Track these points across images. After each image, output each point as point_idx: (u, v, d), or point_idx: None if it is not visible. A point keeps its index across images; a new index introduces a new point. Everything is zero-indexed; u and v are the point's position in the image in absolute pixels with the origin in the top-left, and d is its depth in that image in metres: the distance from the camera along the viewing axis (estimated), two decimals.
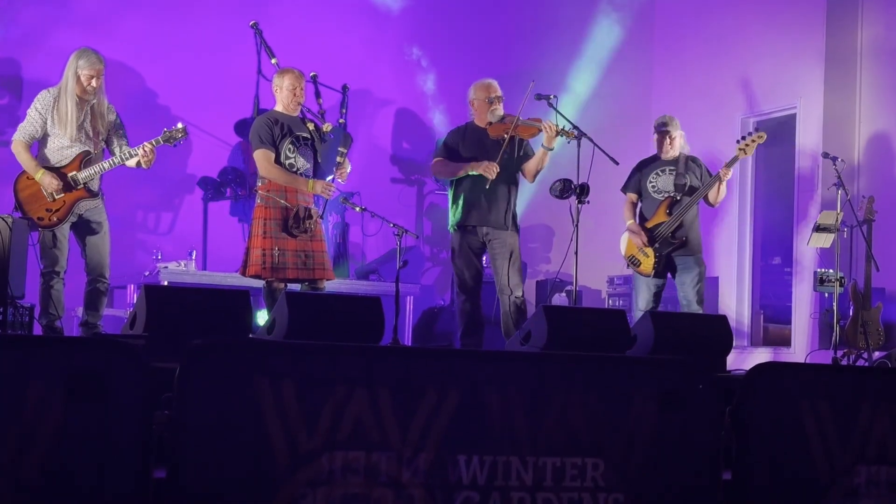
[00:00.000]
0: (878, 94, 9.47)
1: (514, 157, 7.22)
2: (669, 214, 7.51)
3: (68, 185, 6.58)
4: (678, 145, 7.70)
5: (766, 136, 7.62)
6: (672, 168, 7.63)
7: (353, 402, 3.40)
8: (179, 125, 6.77)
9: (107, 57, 6.75)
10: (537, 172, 7.31)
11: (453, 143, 7.36)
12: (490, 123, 7.26)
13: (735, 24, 10.39)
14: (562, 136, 7.10)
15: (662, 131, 7.68)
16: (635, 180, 7.70)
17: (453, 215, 7.29)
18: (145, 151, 6.62)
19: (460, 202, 7.23)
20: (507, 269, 7.14)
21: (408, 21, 10.26)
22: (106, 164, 6.66)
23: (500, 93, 7.33)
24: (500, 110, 7.28)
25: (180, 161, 9.23)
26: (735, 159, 7.58)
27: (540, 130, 7.12)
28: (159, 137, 6.70)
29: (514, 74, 7.67)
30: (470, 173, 7.16)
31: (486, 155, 7.19)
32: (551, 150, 7.17)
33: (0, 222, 6.18)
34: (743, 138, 7.67)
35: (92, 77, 6.59)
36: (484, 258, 7.44)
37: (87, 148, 6.65)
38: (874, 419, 4.07)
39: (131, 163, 6.70)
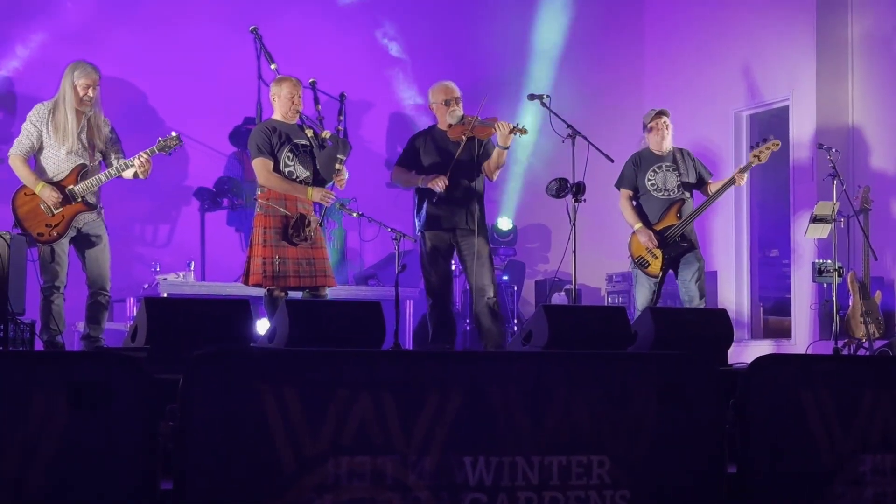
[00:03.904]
0: (869, 83, 9.49)
1: (474, 157, 7.19)
2: (679, 217, 7.50)
3: (66, 199, 6.58)
4: (671, 138, 7.72)
5: (780, 144, 7.64)
6: (669, 164, 7.63)
7: (356, 408, 3.40)
8: (173, 133, 6.77)
9: (100, 70, 6.76)
10: (497, 170, 7.28)
11: (414, 147, 7.32)
12: (450, 125, 7.26)
13: (726, 18, 10.40)
14: (516, 134, 7.06)
15: (659, 123, 7.65)
16: (631, 176, 7.68)
17: (418, 220, 7.28)
18: (142, 161, 6.61)
19: (424, 207, 7.21)
20: (479, 269, 7.10)
21: (401, 27, 10.27)
22: (103, 177, 6.66)
23: (458, 94, 7.30)
24: (458, 111, 7.24)
25: (176, 172, 9.23)
26: (749, 165, 7.61)
27: (495, 130, 7.10)
28: (154, 147, 6.69)
29: (507, 78, 7.67)
30: (420, 186, 7.13)
31: (446, 156, 7.16)
32: (506, 148, 7.15)
33: None
34: (757, 144, 7.68)
35: (88, 86, 6.59)
36: (453, 261, 7.41)
37: (83, 160, 6.65)
38: (877, 408, 4.08)
39: (128, 174, 6.69)
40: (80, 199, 6.61)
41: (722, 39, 10.38)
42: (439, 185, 7.03)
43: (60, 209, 6.56)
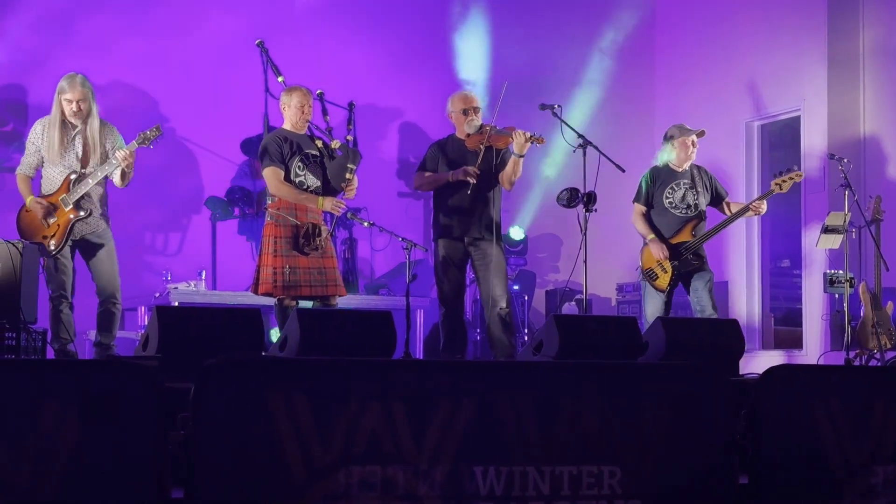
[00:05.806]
0: (881, 93, 9.47)
1: (492, 166, 7.19)
2: (694, 235, 7.48)
3: (52, 210, 6.61)
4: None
5: (803, 175, 7.63)
6: (687, 182, 7.59)
7: (367, 417, 3.40)
8: (156, 126, 6.77)
9: (111, 79, 6.79)
10: (513, 180, 7.29)
11: (434, 155, 7.33)
12: (468, 135, 7.26)
13: (737, 28, 10.39)
14: (532, 142, 7.05)
15: (694, 140, 7.61)
16: (648, 193, 7.62)
17: (435, 226, 7.29)
18: (124, 156, 6.58)
19: (442, 213, 7.22)
20: (492, 279, 7.11)
21: (410, 35, 10.29)
22: (91, 180, 6.64)
23: (476, 104, 7.32)
24: (476, 121, 7.24)
25: (187, 181, 9.26)
26: (770, 193, 7.57)
27: (512, 139, 7.10)
28: (133, 142, 6.69)
29: (518, 83, 7.67)
30: (450, 180, 7.15)
31: (464, 165, 7.16)
32: (522, 157, 7.15)
33: (11, 248, 6.20)
34: (780, 173, 7.64)
35: (72, 102, 6.61)
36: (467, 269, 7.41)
37: (72, 169, 6.65)
38: (888, 419, 4.06)
39: (117, 178, 6.69)
40: (71, 206, 6.61)
41: (733, 50, 10.37)
42: (471, 174, 7.03)
43: (55, 219, 6.60)
